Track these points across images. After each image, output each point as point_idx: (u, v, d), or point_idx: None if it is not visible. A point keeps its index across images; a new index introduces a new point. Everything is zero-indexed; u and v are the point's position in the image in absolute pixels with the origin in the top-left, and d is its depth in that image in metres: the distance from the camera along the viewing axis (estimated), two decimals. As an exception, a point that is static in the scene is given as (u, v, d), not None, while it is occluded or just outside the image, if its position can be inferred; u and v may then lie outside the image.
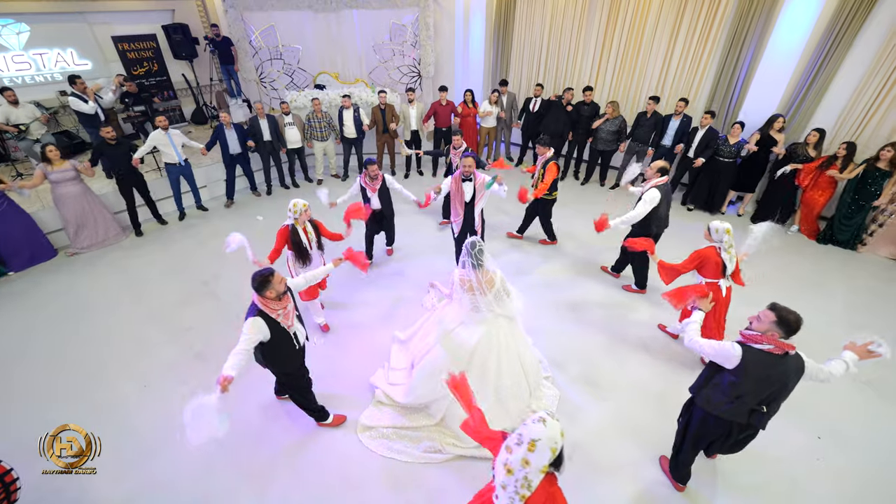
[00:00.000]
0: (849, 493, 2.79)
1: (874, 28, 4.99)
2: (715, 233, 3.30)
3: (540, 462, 1.61)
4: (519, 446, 1.64)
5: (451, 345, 2.97)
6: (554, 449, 1.60)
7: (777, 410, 2.29)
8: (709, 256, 3.31)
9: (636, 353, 3.88)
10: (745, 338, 2.24)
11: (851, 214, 5.25)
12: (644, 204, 3.96)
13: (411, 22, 8.22)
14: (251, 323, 2.54)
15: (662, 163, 4.06)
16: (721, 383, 2.31)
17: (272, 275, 2.57)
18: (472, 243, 2.76)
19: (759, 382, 2.19)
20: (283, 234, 3.68)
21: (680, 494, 2.77)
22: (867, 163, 5.01)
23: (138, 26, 7.54)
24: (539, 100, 7.15)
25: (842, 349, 2.31)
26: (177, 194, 6.10)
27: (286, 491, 2.84)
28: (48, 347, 4.03)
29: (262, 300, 2.58)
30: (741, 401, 2.24)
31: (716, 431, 2.42)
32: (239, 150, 6.23)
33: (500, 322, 2.92)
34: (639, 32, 6.61)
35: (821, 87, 5.43)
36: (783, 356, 2.16)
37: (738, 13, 5.73)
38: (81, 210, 5.25)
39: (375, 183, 4.62)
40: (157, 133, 5.58)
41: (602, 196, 6.88)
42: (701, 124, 5.86)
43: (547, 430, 1.59)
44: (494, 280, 2.80)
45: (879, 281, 4.86)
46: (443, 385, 2.93)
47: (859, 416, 3.31)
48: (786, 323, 2.13)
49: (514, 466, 1.65)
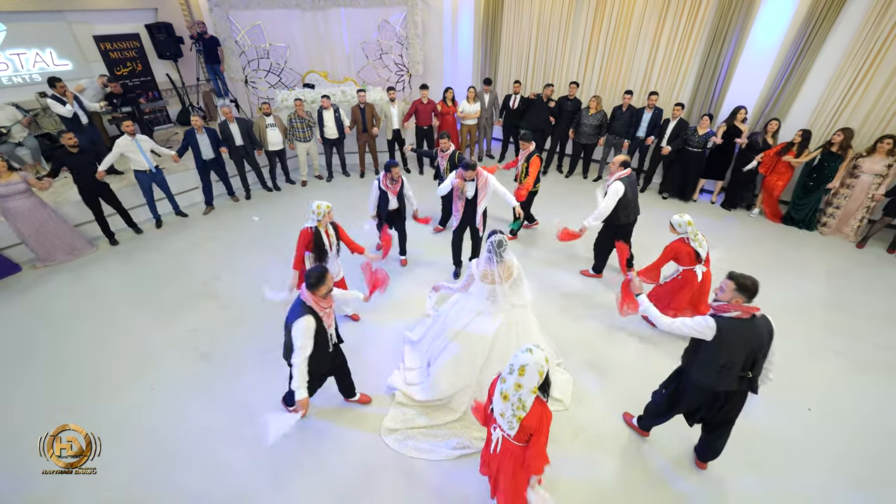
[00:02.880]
0: (832, 453, 3.02)
1: (845, 25, 5.29)
2: (678, 226, 3.58)
3: (530, 383, 1.90)
4: (511, 374, 1.94)
5: (471, 336, 3.04)
6: (541, 372, 1.90)
7: (760, 373, 2.45)
8: (680, 248, 3.58)
9: (633, 337, 4.04)
10: (715, 309, 2.42)
11: (805, 195, 5.68)
12: (610, 197, 4.13)
13: (399, 20, 8.25)
14: (306, 323, 2.51)
15: (624, 157, 4.23)
16: (705, 359, 2.46)
17: (328, 271, 2.60)
18: (498, 241, 2.86)
19: (737, 348, 2.35)
20: (305, 237, 3.57)
21: (688, 468, 2.92)
22: (822, 147, 5.38)
23: (120, 25, 7.34)
24: (518, 96, 7.29)
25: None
26: (150, 202, 5.81)
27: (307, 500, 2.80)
28: (43, 360, 3.90)
29: (314, 297, 2.57)
30: (727, 370, 2.39)
31: (702, 401, 2.57)
32: (212, 156, 5.95)
33: (516, 311, 3.02)
34: (624, 30, 6.81)
35: (797, 81, 5.71)
36: (751, 319, 2.33)
37: (718, 12, 5.97)
38: (38, 224, 4.85)
39: (396, 185, 4.59)
40: (124, 139, 5.27)
41: (588, 187, 7.09)
42: (672, 116, 6.14)
43: (534, 356, 1.90)
44: (513, 271, 2.91)
45: (840, 259, 5.27)
46: (467, 374, 3.05)
47: (837, 385, 3.54)
48: (744, 287, 2.32)
49: (509, 391, 1.94)
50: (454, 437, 3.05)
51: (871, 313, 4.34)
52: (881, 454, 3.03)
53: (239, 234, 5.86)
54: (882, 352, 3.87)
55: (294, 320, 2.53)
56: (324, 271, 2.59)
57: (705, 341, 2.41)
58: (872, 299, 4.54)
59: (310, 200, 3.69)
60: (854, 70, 5.33)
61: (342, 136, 6.99)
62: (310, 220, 3.58)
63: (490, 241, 2.89)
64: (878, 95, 5.29)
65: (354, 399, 3.35)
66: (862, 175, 5.23)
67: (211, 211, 6.44)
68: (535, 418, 1.95)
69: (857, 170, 5.27)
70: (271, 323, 4.16)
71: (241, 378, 3.67)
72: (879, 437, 3.13)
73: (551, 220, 5.88)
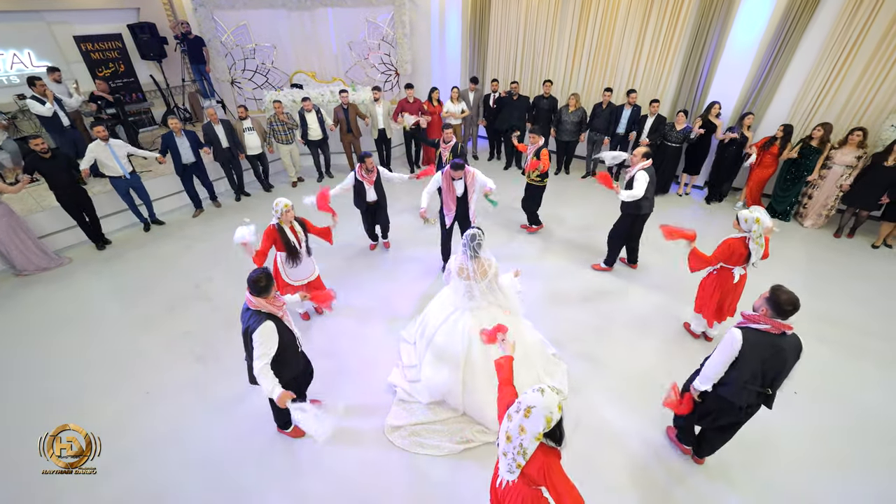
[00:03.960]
0: (818, 434, 3.16)
1: (819, 24, 5.49)
2: (744, 222, 3.27)
3: (534, 429, 1.65)
4: (517, 413, 1.70)
5: (451, 333, 3.06)
6: (549, 418, 1.63)
7: (778, 389, 2.36)
8: (737, 247, 3.31)
9: (629, 331, 4.13)
10: (745, 318, 2.35)
11: (787, 188, 5.88)
12: (639, 182, 4.19)
13: (387, 20, 8.25)
14: (268, 330, 2.42)
15: (645, 148, 4.31)
16: (727, 378, 2.40)
17: (267, 270, 2.52)
18: (472, 235, 2.87)
19: (758, 363, 2.27)
20: (269, 234, 3.61)
21: (679, 457, 3.01)
22: (802, 142, 5.60)
23: (101, 26, 7.18)
24: (497, 94, 7.40)
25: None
26: (131, 206, 5.67)
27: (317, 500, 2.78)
28: (33, 365, 3.83)
29: (268, 301, 2.49)
30: (747, 388, 2.32)
31: (721, 411, 2.52)
32: (193, 159, 5.79)
33: (492, 310, 3.03)
34: (609, 29, 6.94)
35: (776, 78, 5.91)
36: (780, 335, 2.24)
37: (699, 12, 6.14)
38: (5, 234, 4.67)
39: (372, 175, 4.71)
40: (96, 144, 5.04)
41: (575, 184, 7.25)
42: (650, 112, 6.34)
43: (544, 399, 1.65)
44: (488, 270, 2.91)
45: (819, 248, 5.49)
46: (450, 374, 3.05)
47: (821, 370, 3.67)
48: (774, 302, 2.21)
49: (513, 433, 1.71)
50: (457, 433, 3.08)
51: (851, 300, 4.51)
52: (866, 435, 3.16)
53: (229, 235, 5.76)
54: (864, 337, 4.04)
55: (254, 329, 2.41)
56: (264, 273, 2.49)
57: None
58: (851, 287, 4.73)
59: (294, 202, 3.69)
60: (829, 67, 5.54)
61: (326, 136, 6.98)
62: (273, 217, 3.63)
63: (466, 235, 2.90)
64: (851, 90, 5.50)
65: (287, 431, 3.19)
66: (834, 166, 5.45)
67: (200, 213, 6.35)
68: (535, 467, 1.69)
69: (829, 161, 5.50)
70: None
71: (238, 379, 3.62)
72: (865, 419, 3.27)
73: (557, 211, 6.02)
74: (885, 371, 3.68)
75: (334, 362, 3.75)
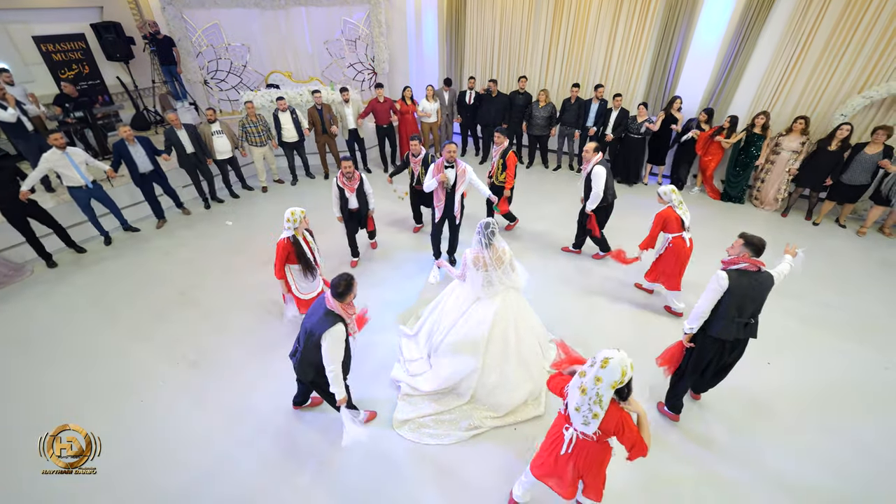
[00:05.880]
0: (791, 398, 3.44)
1: (774, 23, 5.90)
2: (664, 195, 3.95)
3: (611, 378, 1.82)
4: (592, 367, 1.87)
5: (469, 322, 3.16)
6: (624, 370, 1.81)
7: (758, 316, 2.76)
8: (668, 215, 3.90)
9: (613, 312, 4.35)
10: (725, 263, 2.73)
11: (738, 173, 6.34)
12: (597, 180, 4.43)
13: (362, 19, 8.23)
14: (339, 334, 2.47)
15: (594, 143, 4.53)
16: (719, 311, 2.73)
17: (354, 278, 2.55)
18: (485, 223, 3.00)
19: (744, 297, 2.64)
20: (284, 248, 3.45)
21: (674, 425, 3.21)
22: (746, 130, 6.05)
23: (62, 25, 6.85)
24: (474, 92, 7.56)
25: (783, 253, 3.01)
26: (92, 219, 5.32)
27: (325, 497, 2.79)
28: (21, 381, 3.67)
29: (342, 305, 2.52)
30: (735, 321, 2.69)
31: (713, 352, 2.85)
32: (151, 167, 5.48)
33: (510, 294, 3.17)
34: (582, 29, 7.20)
35: (738, 73, 6.30)
36: (758, 271, 2.64)
37: (665, 12, 6.47)
38: None
39: (353, 182, 4.55)
40: (52, 153, 4.72)
41: (549, 177, 7.52)
42: (613, 105, 6.66)
43: (619, 354, 1.85)
44: (503, 256, 3.05)
45: (770, 228, 5.88)
46: (471, 360, 3.15)
47: (790, 340, 4.00)
48: (751, 243, 2.64)
49: (588, 385, 1.87)
50: (464, 419, 3.17)
51: (810, 275, 4.86)
52: (831, 398, 3.46)
53: (207, 241, 5.68)
54: (823, 308, 4.40)
55: (324, 330, 2.46)
56: (351, 279, 2.55)
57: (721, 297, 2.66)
58: (808, 262, 5.06)
59: (272, 205, 3.65)
60: (784, 62, 5.97)
61: (302, 138, 6.79)
62: (286, 229, 3.46)
63: (479, 225, 3.02)
64: (805, 84, 5.94)
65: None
66: (782, 152, 5.91)
67: (164, 224, 5.98)
68: (614, 422, 1.88)
69: (778, 147, 5.95)
70: (258, 327, 4.18)
71: (235, 381, 3.62)
72: (831, 383, 3.58)
73: (538, 209, 6.23)
74: (844, 340, 4.02)
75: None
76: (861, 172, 5.36)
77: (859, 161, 5.32)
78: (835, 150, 5.44)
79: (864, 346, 3.94)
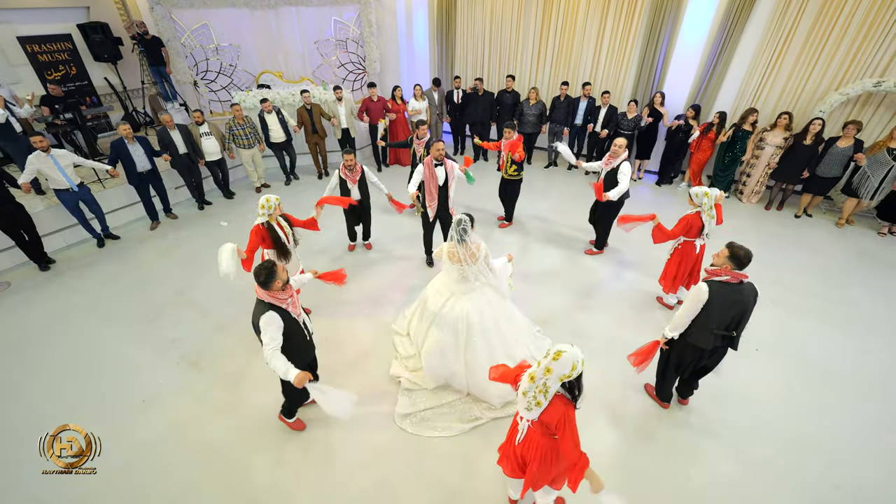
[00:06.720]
0: (779, 384, 3.57)
1: (756, 22, 6.08)
2: (696, 197, 3.71)
3: (561, 371, 1.85)
4: (545, 358, 1.92)
5: (448, 317, 3.20)
6: (574, 365, 1.85)
7: (743, 330, 2.73)
8: (694, 222, 3.74)
9: (606, 308, 4.45)
10: (708, 273, 2.71)
11: (725, 168, 6.50)
12: (624, 176, 4.45)
13: (352, 19, 8.25)
14: (269, 318, 2.49)
15: (624, 139, 4.51)
16: (696, 320, 2.74)
17: (275, 265, 2.53)
18: (457, 221, 3.01)
19: (722, 310, 2.62)
20: (257, 234, 3.54)
21: (665, 412, 3.33)
22: (735, 126, 6.22)
23: (47, 25, 6.75)
24: (460, 91, 7.65)
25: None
26: (82, 221, 5.27)
27: (326, 496, 2.81)
28: (19, 379, 3.66)
29: (270, 293, 2.54)
30: (713, 332, 2.68)
31: (691, 356, 2.90)
32: (149, 167, 5.45)
33: (486, 291, 3.21)
34: (571, 29, 7.32)
35: (722, 70, 6.48)
36: (739, 284, 2.62)
37: (651, 12, 6.63)
38: None
39: (355, 174, 4.68)
40: (36, 156, 4.62)
41: (541, 174, 7.67)
42: (602, 103, 6.80)
43: (573, 349, 1.90)
44: (477, 253, 3.07)
45: (755, 221, 6.14)
46: (453, 358, 3.20)
47: (777, 329, 4.15)
48: (735, 257, 2.59)
49: (537, 374, 1.92)
50: (465, 412, 3.24)
51: (794, 266, 5.07)
52: (817, 383, 3.61)
53: (201, 241, 5.67)
54: (808, 298, 4.56)
55: (258, 319, 2.51)
56: (271, 266, 2.50)
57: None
58: (791, 254, 5.30)
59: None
60: (766, 59, 6.16)
61: (290, 138, 6.82)
62: (260, 216, 3.58)
63: (453, 221, 3.04)
64: (786, 80, 6.14)
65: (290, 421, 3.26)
66: (766, 147, 6.09)
67: (157, 226, 5.96)
68: (556, 415, 1.90)
69: (762, 142, 6.14)
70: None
71: (237, 381, 3.64)
72: (816, 369, 3.73)
73: (534, 204, 6.27)
74: (825, 326, 4.19)
75: (333, 358, 3.78)
76: (833, 165, 5.58)
77: (832, 154, 5.54)
78: (810, 144, 5.64)
79: (846, 332, 4.10)
